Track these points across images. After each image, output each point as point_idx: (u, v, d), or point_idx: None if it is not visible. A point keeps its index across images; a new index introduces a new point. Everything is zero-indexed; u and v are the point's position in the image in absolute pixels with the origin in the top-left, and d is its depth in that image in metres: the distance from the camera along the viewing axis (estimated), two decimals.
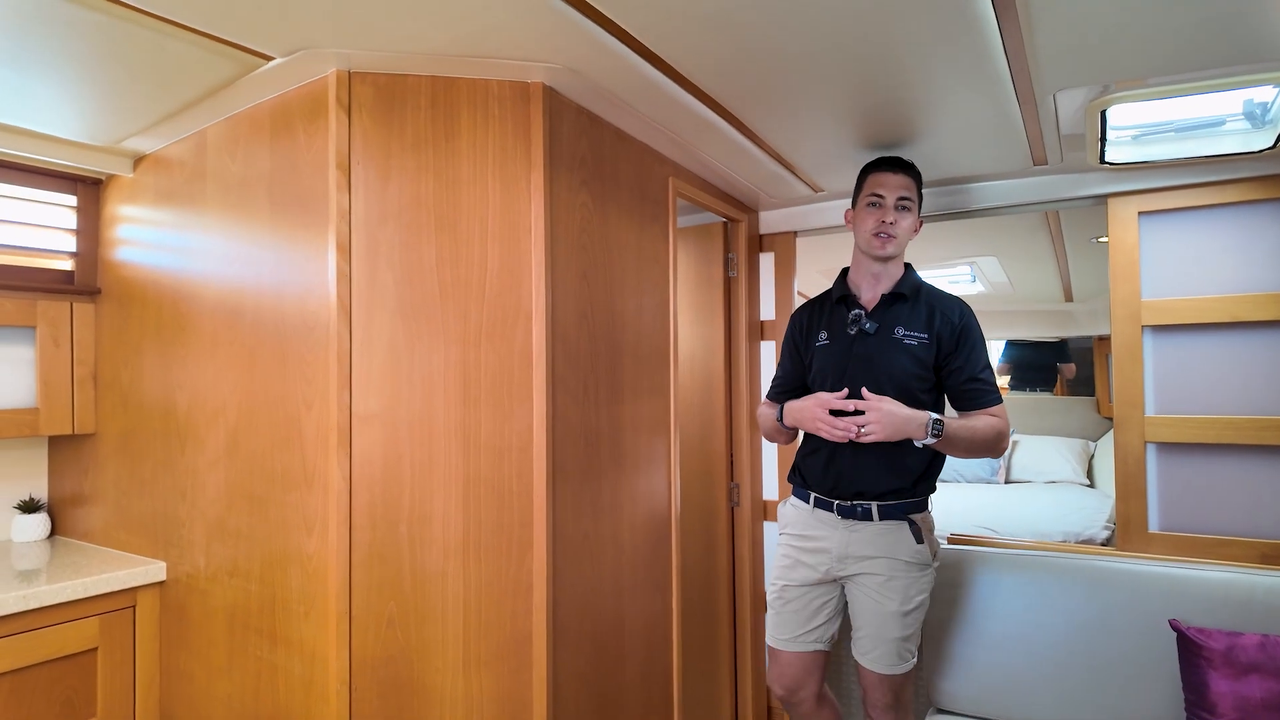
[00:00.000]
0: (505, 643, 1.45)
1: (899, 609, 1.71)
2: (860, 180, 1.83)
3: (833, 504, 1.77)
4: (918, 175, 1.80)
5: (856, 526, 1.75)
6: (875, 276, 1.81)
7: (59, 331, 1.99)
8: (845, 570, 1.76)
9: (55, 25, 1.24)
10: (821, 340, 1.83)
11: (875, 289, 1.81)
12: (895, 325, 1.75)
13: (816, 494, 1.81)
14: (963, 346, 1.73)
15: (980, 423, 1.68)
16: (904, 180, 1.76)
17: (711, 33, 1.30)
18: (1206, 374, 1.97)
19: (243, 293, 1.60)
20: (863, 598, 1.75)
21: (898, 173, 1.76)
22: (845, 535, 1.76)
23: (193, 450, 1.71)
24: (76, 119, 1.67)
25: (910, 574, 1.72)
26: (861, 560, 1.74)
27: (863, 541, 1.74)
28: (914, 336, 1.73)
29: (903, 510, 1.74)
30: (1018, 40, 1.33)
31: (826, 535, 1.78)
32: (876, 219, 1.75)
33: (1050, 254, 3.33)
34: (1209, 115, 1.70)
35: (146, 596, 1.78)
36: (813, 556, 1.80)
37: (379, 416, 1.42)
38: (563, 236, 1.55)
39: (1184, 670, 1.70)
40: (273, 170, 1.53)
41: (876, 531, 1.73)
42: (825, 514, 1.79)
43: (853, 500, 1.75)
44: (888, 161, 1.78)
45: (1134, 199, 2.04)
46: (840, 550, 1.76)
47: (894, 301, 1.78)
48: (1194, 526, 1.98)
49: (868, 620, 1.74)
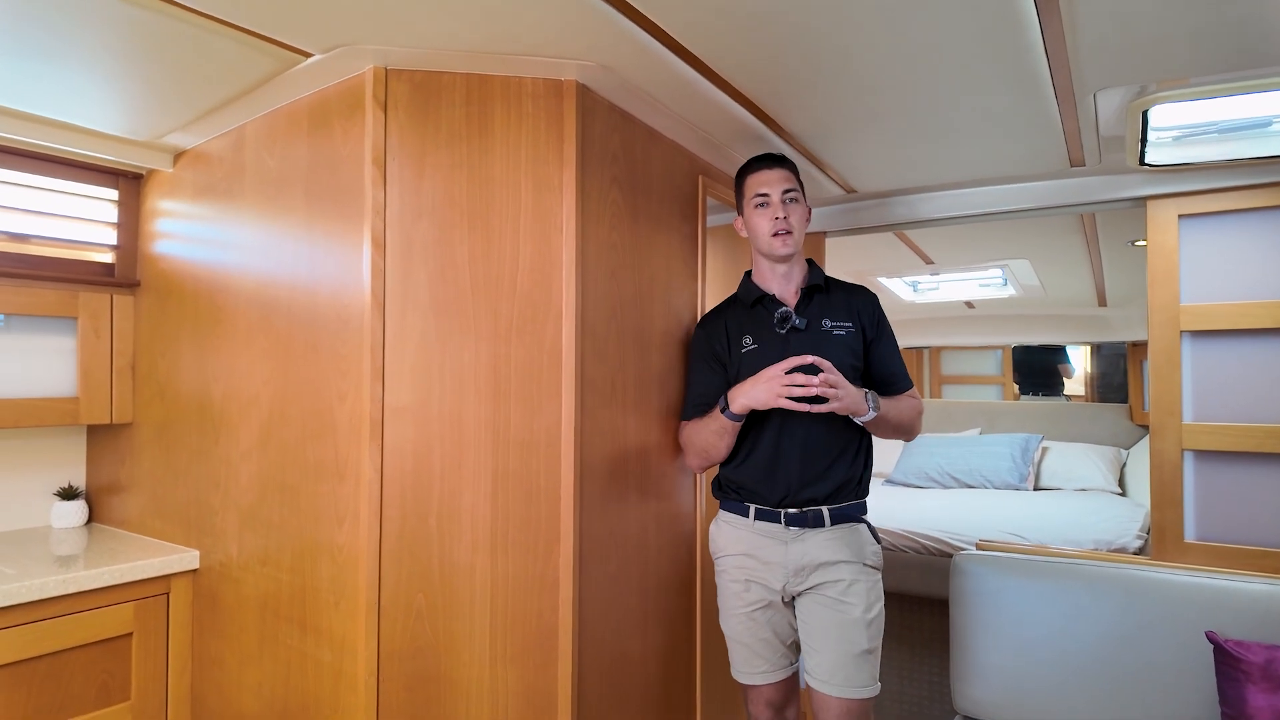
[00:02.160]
0: (531, 637, 1.46)
1: (863, 615, 1.61)
2: (739, 185, 1.79)
3: (779, 514, 1.66)
4: (795, 166, 1.75)
5: (806, 535, 1.65)
6: (784, 276, 1.75)
7: (99, 323, 2.03)
8: (801, 584, 1.65)
9: (99, 22, 1.27)
10: (748, 346, 1.73)
11: (788, 286, 1.76)
12: (822, 318, 1.71)
13: (758, 506, 1.69)
14: (881, 333, 1.74)
15: (904, 403, 1.71)
16: (783, 174, 1.71)
17: (750, 31, 1.30)
18: (1247, 381, 1.92)
19: (278, 286, 1.62)
20: (820, 610, 1.63)
21: (774, 168, 1.72)
22: (796, 546, 1.65)
23: (227, 441, 1.74)
24: (119, 114, 1.71)
25: (869, 578, 1.66)
26: (819, 569, 1.64)
27: (817, 549, 1.64)
28: (841, 327, 1.71)
29: (856, 511, 1.69)
30: (1059, 38, 1.31)
31: (773, 550, 1.67)
32: (769, 218, 1.70)
33: (1084, 257, 3.28)
34: (1254, 116, 1.65)
35: (180, 584, 1.82)
36: (764, 573, 1.68)
37: (410, 410, 1.44)
38: (593, 234, 1.56)
39: (1221, 683, 1.66)
40: (310, 166, 1.55)
41: (830, 537, 1.65)
42: (769, 526, 1.67)
43: (804, 507, 1.65)
44: (763, 158, 1.74)
45: (1174, 201, 1.99)
46: (794, 563, 1.65)
47: (813, 294, 1.74)
48: (1232, 537, 1.94)
49: (827, 636, 1.61)
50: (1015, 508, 3.85)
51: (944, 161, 2.01)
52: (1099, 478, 4.37)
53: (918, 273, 3.70)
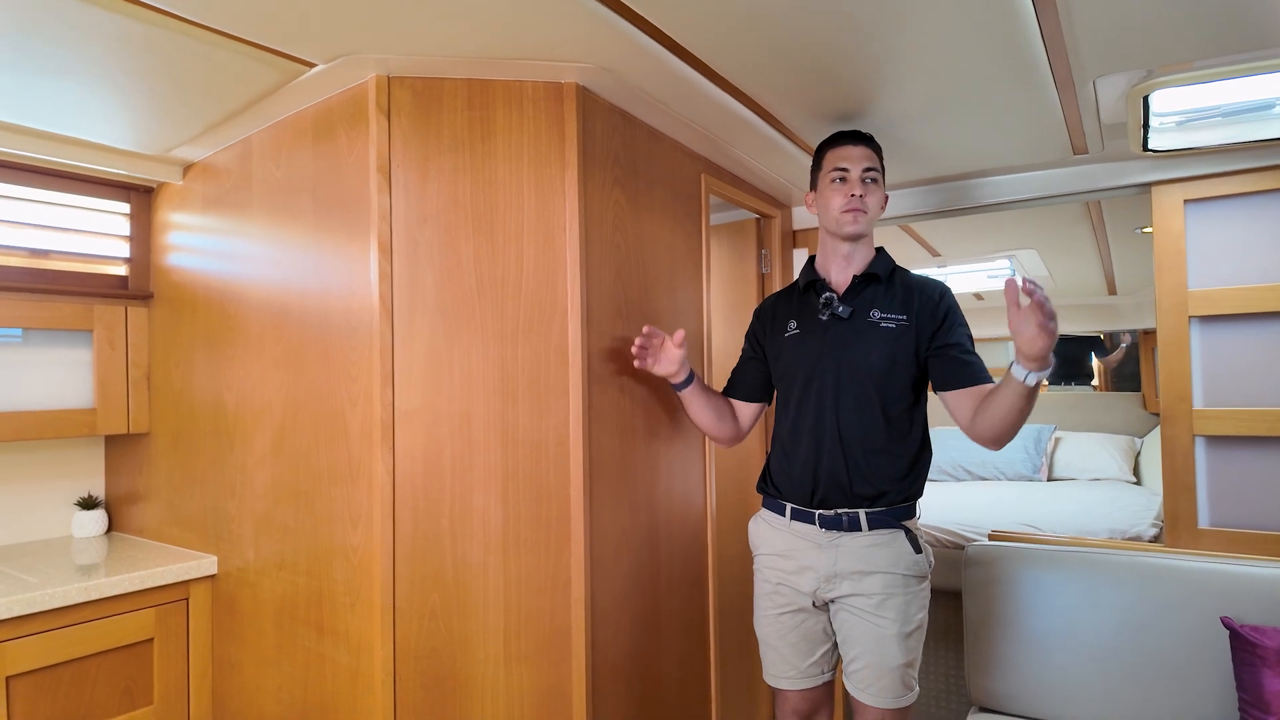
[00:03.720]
0: (545, 636, 1.47)
1: (899, 631, 1.51)
2: (818, 158, 1.68)
3: (813, 515, 1.58)
4: (879, 148, 1.65)
5: (842, 540, 1.55)
6: (845, 258, 1.65)
7: (114, 335, 2.06)
8: (834, 591, 1.56)
9: (105, 38, 1.29)
10: (791, 330, 1.67)
11: (846, 271, 1.65)
12: (870, 308, 1.59)
13: (793, 505, 1.62)
14: (948, 323, 1.57)
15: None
16: (867, 152, 1.61)
17: (747, 30, 1.31)
18: (1257, 365, 1.91)
19: (288, 294, 1.64)
20: (856, 622, 1.54)
21: (860, 144, 1.61)
22: (830, 552, 1.56)
23: (241, 448, 1.76)
24: (128, 129, 1.74)
25: (909, 590, 1.54)
26: (851, 578, 1.54)
27: (851, 556, 1.54)
28: (891, 319, 1.58)
29: (895, 517, 1.55)
30: (1055, 25, 1.31)
31: (808, 552, 1.59)
32: (844, 194, 1.59)
33: (1092, 246, 3.26)
34: (1258, 99, 1.65)
35: (199, 589, 1.84)
36: (798, 577, 1.60)
37: (420, 412, 1.46)
38: (597, 234, 1.57)
39: (1237, 669, 1.65)
40: (316, 175, 1.57)
41: (866, 544, 1.54)
42: (805, 527, 1.59)
43: (837, 509, 1.56)
44: (848, 134, 1.64)
45: (1179, 187, 1.99)
46: (827, 568, 1.56)
47: (867, 283, 1.63)
48: (1245, 522, 1.93)
49: (864, 648, 1.54)
50: (1029, 499, 3.84)
51: (945, 153, 2.01)
52: (1113, 467, 4.34)
53: (925, 266, 3.69)
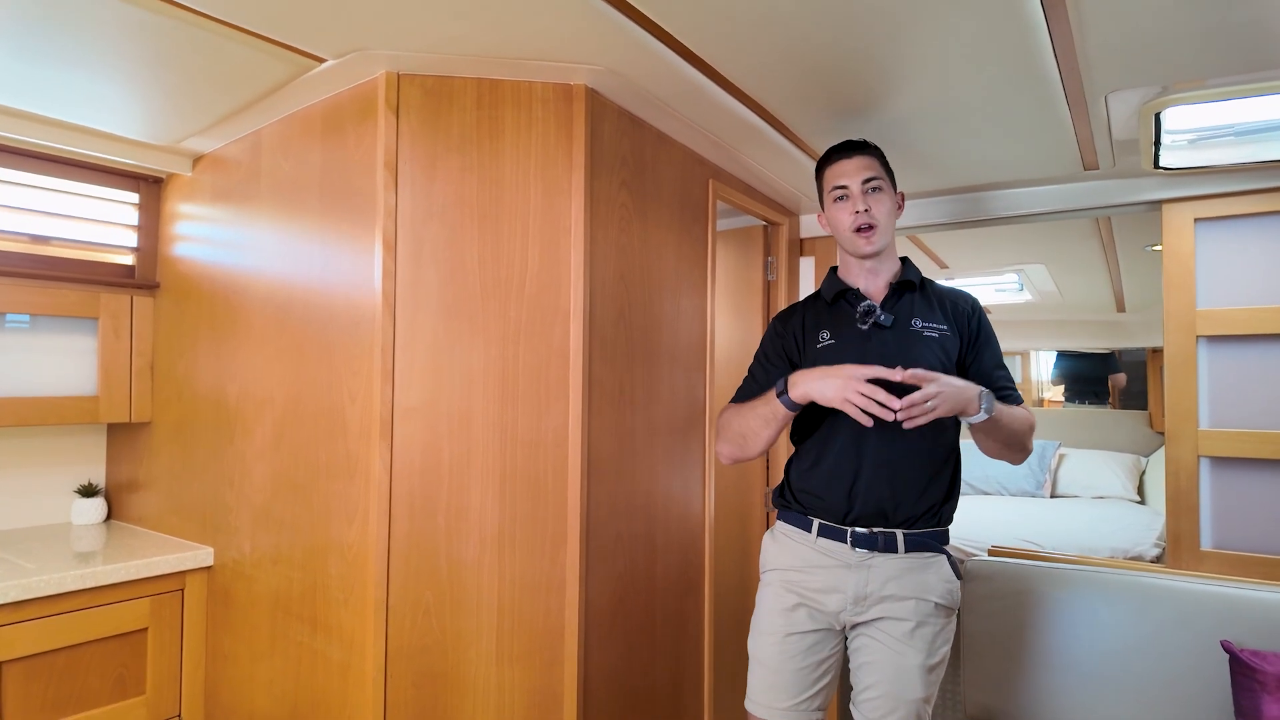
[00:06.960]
0: (537, 636, 1.47)
1: (923, 663, 1.44)
2: (819, 178, 1.62)
3: (845, 533, 1.48)
4: (878, 151, 1.58)
5: (875, 560, 1.47)
6: (871, 271, 1.58)
7: (119, 323, 2.07)
8: (862, 615, 1.47)
9: (117, 28, 1.30)
10: (824, 341, 1.57)
11: (876, 280, 1.58)
12: (911, 317, 1.53)
13: (822, 521, 1.52)
14: (982, 338, 1.55)
15: (1018, 410, 1.48)
16: (865, 160, 1.54)
17: (757, 35, 1.31)
18: (1264, 386, 1.90)
19: (292, 288, 1.65)
20: (878, 649, 1.46)
21: (854, 155, 1.54)
22: (862, 572, 1.47)
23: (241, 440, 1.77)
24: (139, 119, 1.75)
25: (939, 620, 1.47)
26: (884, 602, 1.46)
27: (885, 579, 1.46)
28: (934, 328, 1.52)
29: (935, 540, 1.49)
30: (1068, 40, 1.30)
31: (836, 572, 1.49)
32: (849, 212, 1.53)
33: (1101, 262, 3.25)
34: (1270, 118, 1.64)
35: (194, 580, 1.84)
36: (824, 597, 1.50)
37: (419, 410, 1.45)
38: (602, 237, 1.57)
39: (1236, 694, 1.64)
40: (323, 169, 1.58)
41: (902, 567, 1.47)
42: (833, 545, 1.50)
43: (874, 528, 1.47)
44: (841, 148, 1.57)
45: (1190, 205, 1.97)
46: (857, 590, 1.47)
47: (903, 291, 1.57)
48: (1248, 545, 1.91)
49: (882, 676, 1.45)
50: (1031, 515, 3.81)
51: (954, 165, 2.01)
52: (1117, 485, 4.32)
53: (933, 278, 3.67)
